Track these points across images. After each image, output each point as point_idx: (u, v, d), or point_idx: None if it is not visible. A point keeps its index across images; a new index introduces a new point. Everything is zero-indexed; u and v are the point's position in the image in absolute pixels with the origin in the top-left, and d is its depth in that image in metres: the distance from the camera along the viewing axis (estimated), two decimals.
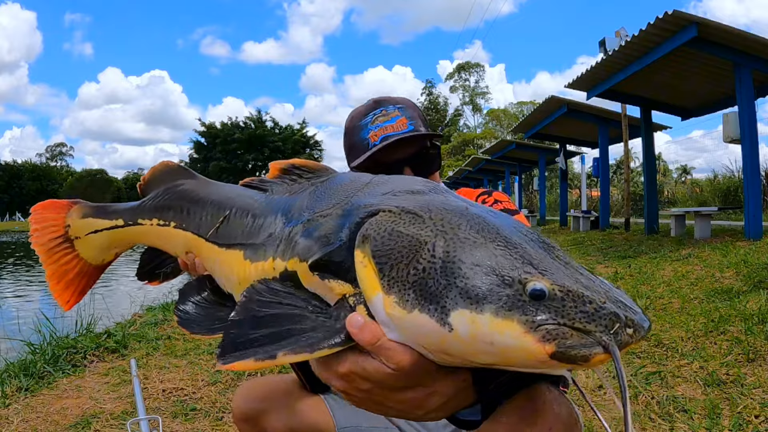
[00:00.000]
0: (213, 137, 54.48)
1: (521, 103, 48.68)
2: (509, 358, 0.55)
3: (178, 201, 1.02)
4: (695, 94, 8.66)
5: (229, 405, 2.41)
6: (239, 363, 0.58)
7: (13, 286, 10.93)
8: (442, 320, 0.54)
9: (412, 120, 1.16)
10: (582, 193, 16.80)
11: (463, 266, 0.55)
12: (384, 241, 0.60)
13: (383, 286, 0.57)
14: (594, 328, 0.53)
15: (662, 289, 4.17)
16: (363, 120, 1.18)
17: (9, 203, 71.77)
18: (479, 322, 0.53)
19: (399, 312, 0.56)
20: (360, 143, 1.16)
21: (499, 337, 0.53)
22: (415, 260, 0.57)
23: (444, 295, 0.54)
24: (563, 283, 0.55)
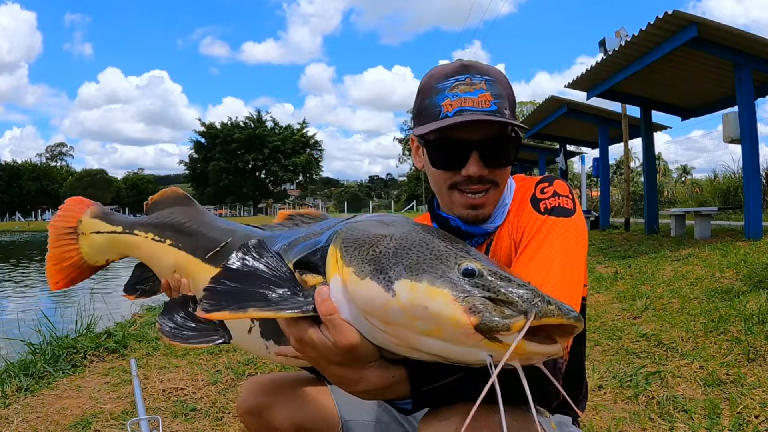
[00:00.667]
0: (213, 137, 54.48)
1: (521, 103, 48.64)
2: (439, 327, 0.61)
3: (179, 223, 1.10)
4: (695, 94, 8.66)
5: (230, 405, 2.41)
6: (216, 313, 0.68)
7: (13, 286, 10.93)
8: (387, 286, 0.64)
9: (498, 99, 0.97)
10: (582, 193, 16.78)
11: (411, 250, 0.67)
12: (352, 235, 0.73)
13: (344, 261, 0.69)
14: (516, 298, 0.60)
15: (662, 289, 4.17)
16: (442, 82, 0.98)
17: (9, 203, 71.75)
18: (417, 288, 0.62)
19: (354, 280, 0.67)
20: (431, 108, 0.99)
21: (432, 303, 0.61)
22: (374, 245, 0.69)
23: (392, 268, 0.65)
24: (491, 267, 0.65)
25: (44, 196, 75.48)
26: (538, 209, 0.99)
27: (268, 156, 54.35)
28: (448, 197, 1.03)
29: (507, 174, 1.04)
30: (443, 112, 0.96)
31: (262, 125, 55.60)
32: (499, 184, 1.02)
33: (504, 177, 1.02)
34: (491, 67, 1.02)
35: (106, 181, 76.77)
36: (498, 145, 0.98)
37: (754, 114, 6.49)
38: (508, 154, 1.01)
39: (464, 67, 0.99)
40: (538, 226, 0.97)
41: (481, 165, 0.97)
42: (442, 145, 0.99)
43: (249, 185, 56.37)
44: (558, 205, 0.98)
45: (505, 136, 0.98)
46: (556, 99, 11.39)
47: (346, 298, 0.68)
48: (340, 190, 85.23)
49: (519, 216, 1.02)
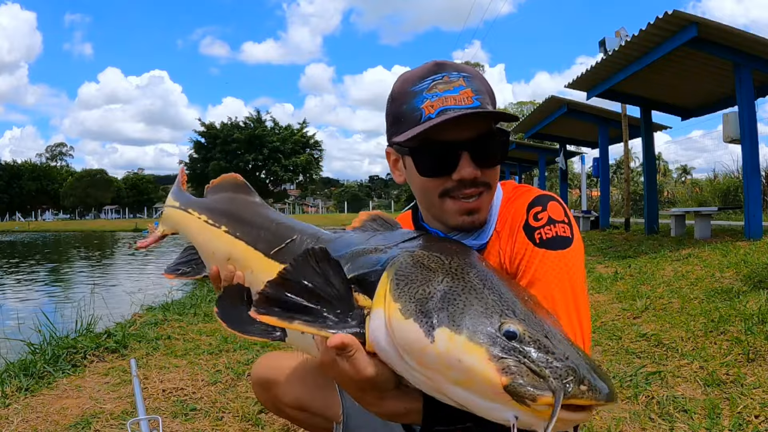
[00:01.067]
0: (213, 137, 54.47)
1: (521, 103, 48.65)
2: (470, 380, 0.63)
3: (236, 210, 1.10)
4: (695, 94, 8.66)
5: (230, 405, 2.41)
6: (266, 317, 0.72)
7: (14, 286, 10.93)
8: (428, 331, 0.65)
9: (479, 94, 0.91)
10: (582, 193, 16.79)
11: (458, 298, 0.68)
12: (406, 267, 0.74)
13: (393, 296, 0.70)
14: (548, 374, 0.60)
15: (662, 289, 4.17)
16: (418, 84, 0.92)
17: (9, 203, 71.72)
18: (456, 341, 0.63)
19: (398, 317, 0.68)
20: (410, 113, 0.92)
21: (467, 357, 0.62)
22: (425, 284, 0.70)
23: (436, 313, 0.66)
24: (534, 332, 0.64)
25: (44, 196, 75.44)
26: (533, 240, 0.93)
27: (268, 156, 54.34)
28: (439, 207, 0.96)
29: (498, 174, 0.98)
30: (425, 115, 0.90)
31: (261, 125, 55.60)
32: (492, 186, 0.96)
33: (496, 178, 0.97)
34: (466, 65, 0.98)
35: (106, 181, 76.73)
36: (488, 143, 0.92)
37: (754, 114, 6.49)
38: (499, 151, 0.95)
39: (438, 65, 0.94)
40: (537, 262, 0.91)
41: (474, 166, 0.91)
42: (429, 150, 0.91)
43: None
44: (555, 235, 0.92)
45: (493, 132, 0.93)
46: (556, 99, 11.39)
47: (388, 331, 0.69)
48: (340, 190, 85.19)
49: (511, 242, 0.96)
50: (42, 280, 11.98)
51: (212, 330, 3.95)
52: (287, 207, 72.74)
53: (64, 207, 74.63)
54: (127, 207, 76.76)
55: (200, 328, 4.03)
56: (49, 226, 56.13)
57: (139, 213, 72.29)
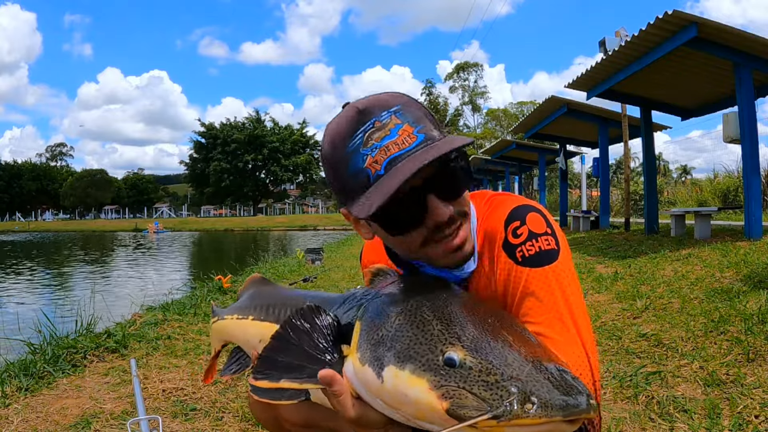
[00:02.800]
0: (213, 137, 54.45)
1: (521, 103, 48.70)
2: (420, 410, 0.65)
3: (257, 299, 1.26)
4: (695, 94, 8.66)
5: (230, 405, 2.41)
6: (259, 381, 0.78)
7: (14, 286, 10.93)
8: (378, 373, 0.69)
9: (419, 124, 0.81)
10: (582, 193, 16.80)
11: (405, 336, 0.70)
12: (372, 314, 0.77)
13: (357, 346, 0.74)
14: (489, 396, 0.61)
15: (662, 289, 4.17)
16: (350, 142, 0.81)
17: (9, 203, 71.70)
18: (400, 377, 0.66)
19: (358, 365, 0.72)
20: (355, 178, 0.81)
21: (412, 391, 0.65)
22: (379, 329, 0.73)
23: (384, 355, 0.69)
24: (477, 356, 0.65)
25: (44, 196, 75.42)
26: (515, 259, 0.86)
27: (267, 156, 54.33)
28: (424, 255, 0.88)
29: (467, 196, 0.88)
30: (372, 175, 0.79)
31: (261, 125, 55.58)
32: (467, 212, 0.88)
33: (467, 201, 0.88)
34: (389, 95, 0.85)
35: (106, 181, 76.68)
36: (451, 174, 0.83)
37: (754, 114, 6.48)
38: (464, 176, 0.85)
39: (361, 113, 0.82)
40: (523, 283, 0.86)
41: (445, 205, 0.82)
42: (392, 210, 0.80)
43: (249, 185, 56.37)
44: (539, 251, 0.86)
45: (451, 160, 0.83)
46: (556, 99, 11.39)
47: (354, 376, 0.74)
48: None
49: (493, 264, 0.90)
50: (42, 280, 11.99)
51: None
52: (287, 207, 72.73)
53: (64, 207, 74.63)
54: (127, 207, 76.72)
55: (200, 328, 4.03)
56: (49, 226, 56.12)
57: (139, 213, 72.27)
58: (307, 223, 42.03)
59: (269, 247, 20.29)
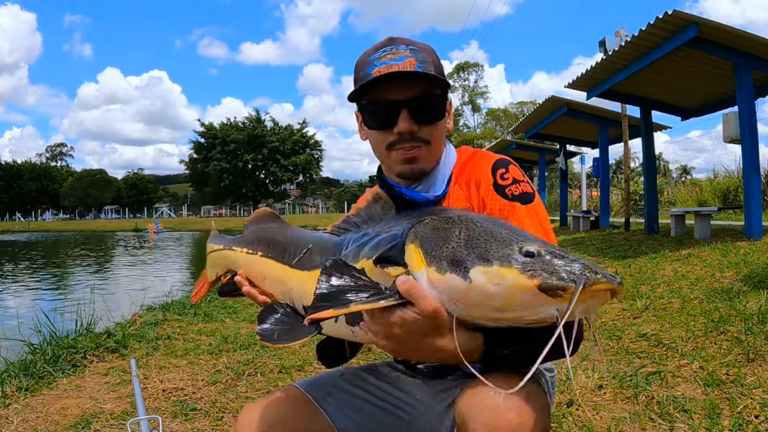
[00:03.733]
0: (212, 137, 54.43)
1: (521, 102, 48.67)
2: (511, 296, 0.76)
3: (265, 236, 1.29)
4: (695, 94, 8.66)
5: (230, 405, 2.41)
6: (322, 312, 0.81)
7: (14, 286, 10.93)
8: (464, 276, 0.77)
9: (423, 63, 1.05)
10: (582, 193, 16.80)
11: (478, 241, 0.80)
12: (427, 234, 0.85)
13: (426, 261, 0.82)
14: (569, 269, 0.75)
15: (662, 289, 4.17)
16: (372, 56, 1.08)
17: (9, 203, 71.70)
18: (490, 272, 0.76)
19: (437, 276, 0.80)
20: (364, 78, 1.08)
21: (503, 280, 0.75)
22: (447, 242, 0.82)
23: (465, 260, 0.78)
24: (547, 248, 0.79)
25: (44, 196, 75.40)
26: (506, 196, 1.08)
27: (267, 156, 54.31)
28: (386, 157, 1.13)
29: (438, 133, 1.12)
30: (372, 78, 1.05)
31: (261, 125, 55.56)
32: (431, 142, 1.11)
33: (435, 135, 1.11)
34: (418, 41, 1.10)
35: (106, 181, 76.62)
36: (425, 103, 1.07)
37: (754, 114, 6.48)
38: (436, 110, 1.09)
39: (391, 39, 1.10)
40: (510, 211, 1.07)
41: (411, 122, 1.06)
42: (373, 107, 1.09)
43: (249, 185, 56.33)
44: (522, 192, 1.08)
45: (431, 93, 1.07)
46: (556, 99, 11.39)
47: (433, 290, 0.81)
48: (340, 190, 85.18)
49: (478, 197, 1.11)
50: (42, 280, 11.98)
51: (212, 330, 3.95)
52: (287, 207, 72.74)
53: (64, 207, 74.60)
54: (127, 207, 76.69)
55: (200, 328, 4.03)
56: (49, 226, 56.13)
57: (139, 213, 72.23)
58: (307, 223, 42.05)
59: None
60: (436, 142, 1.12)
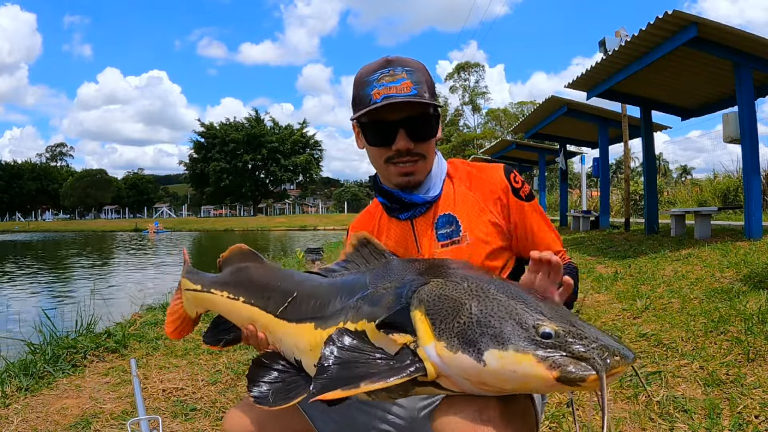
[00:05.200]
0: (212, 137, 54.42)
1: (521, 102, 48.66)
2: (527, 383, 0.75)
3: (247, 280, 1.23)
4: (695, 94, 8.65)
5: (229, 405, 2.41)
6: (330, 393, 0.79)
7: (14, 286, 10.93)
8: (478, 358, 0.75)
9: (418, 84, 1.15)
10: (582, 193, 16.79)
11: (492, 319, 0.77)
12: (434, 302, 0.82)
13: (435, 335, 0.79)
14: (588, 356, 0.72)
15: (662, 289, 4.17)
16: (370, 76, 1.17)
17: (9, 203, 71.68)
18: (505, 357, 0.74)
19: (447, 354, 0.78)
20: (364, 98, 1.16)
21: (519, 368, 0.73)
22: (458, 316, 0.79)
23: (479, 340, 0.76)
24: (565, 326, 0.75)
25: (44, 196, 75.37)
26: (520, 197, 1.23)
27: (267, 156, 54.29)
28: (385, 170, 1.22)
29: (432, 148, 1.22)
30: (373, 100, 1.14)
31: (260, 125, 55.55)
32: (426, 157, 1.20)
33: (429, 150, 1.21)
34: (411, 60, 1.20)
35: (107, 181, 76.59)
36: (420, 123, 1.16)
37: (754, 114, 6.48)
38: (430, 129, 1.19)
39: (388, 61, 1.18)
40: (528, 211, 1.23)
41: (408, 140, 1.15)
42: (374, 126, 1.17)
43: (249, 185, 56.30)
44: (529, 191, 1.24)
45: (426, 114, 1.16)
46: (556, 99, 11.38)
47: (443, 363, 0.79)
48: (340, 190, 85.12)
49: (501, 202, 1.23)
50: (42, 279, 11.98)
51: None
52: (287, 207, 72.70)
53: (64, 207, 74.58)
54: (127, 207, 76.68)
55: (200, 328, 4.03)
56: (49, 226, 56.11)
57: (139, 213, 72.18)
58: (307, 223, 42.01)
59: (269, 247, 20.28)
60: (430, 155, 1.22)
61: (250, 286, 1.21)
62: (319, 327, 1.00)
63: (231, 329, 1.29)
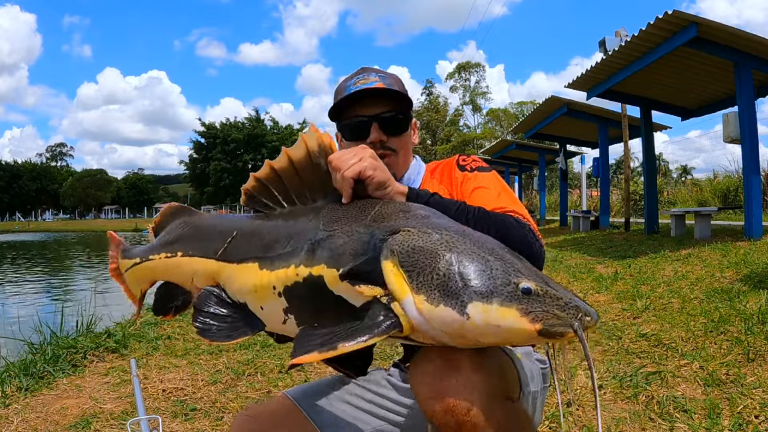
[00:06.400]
0: (213, 137, 54.45)
1: (521, 102, 48.61)
2: (510, 337, 0.76)
3: (182, 233, 1.17)
4: (695, 94, 8.66)
5: (230, 405, 2.41)
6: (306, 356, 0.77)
7: (14, 285, 10.92)
8: (461, 311, 0.74)
9: (390, 86, 1.23)
10: (582, 193, 16.79)
11: (472, 273, 0.76)
12: (409, 253, 0.79)
13: (413, 288, 0.76)
14: (565, 314, 0.75)
15: (662, 289, 4.17)
16: (347, 82, 1.27)
17: (9, 203, 71.68)
18: (489, 310, 0.74)
19: (427, 307, 0.75)
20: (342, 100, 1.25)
21: (503, 321, 0.74)
22: (436, 269, 0.76)
23: (462, 293, 0.75)
24: (542, 285, 0.78)
25: (44, 196, 75.37)
26: (466, 170, 1.24)
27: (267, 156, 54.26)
28: None
29: (404, 143, 1.28)
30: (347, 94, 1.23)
31: (260, 125, 55.60)
32: (398, 151, 1.27)
33: (401, 146, 1.28)
34: (387, 71, 1.30)
35: (107, 181, 76.60)
36: (392, 118, 1.24)
37: (754, 114, 6.48)
38: (401, 124, 1.26)
39: (363, 69, 1.30)
40: (471, 178, 1.22)
41: (381, 133, 1.23)
42: (349, 122, 1.26)
43: None
44: (479, 166, 1.25)
45: (397, 110, 1.25)
46: (556, 99, 11.39)
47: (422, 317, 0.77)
48: None
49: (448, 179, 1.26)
50: (42, 279, 11.98)
51: None
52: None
53: (64, 207, 74.60)
54: (127, 207, 76.69)
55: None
56: (49, 226, 56.11)
57: (139, 213, 72.20)
58: None
59: None
60: (403, 151, 1.29)
61: (186, 238, 1.14)
62: (264, 267, 0.94)
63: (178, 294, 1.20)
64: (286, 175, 1.01)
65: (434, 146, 44.98)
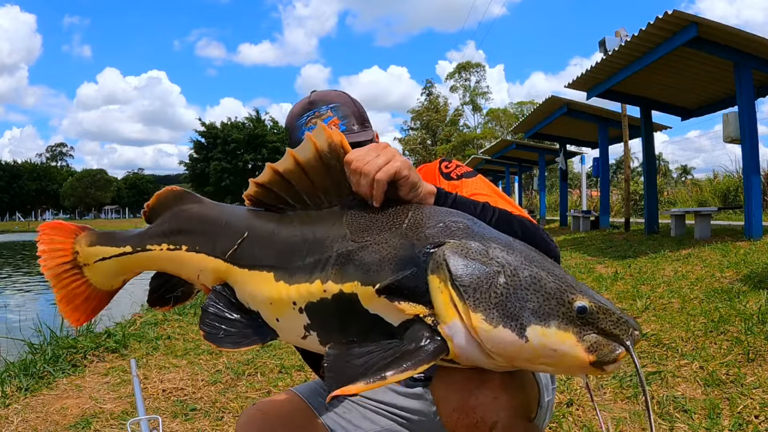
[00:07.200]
0: (213, 137, 54.47)
1: (521, 103, 48.63)
2: (561, 363, 0.71)
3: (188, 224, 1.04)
4: (695, 94, 8.66)
5: (230, 405, 2.41)
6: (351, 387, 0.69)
7: (14, 285, 10.92)
8: (520, 333, 0.70)
9: (345, 119, 1.21)
10: (582, 193, 16.79)
11: (528, 291, 0.71)
12: (461, 269, 0.72)
13: (470, 307, 0.71)
14: (619, 332, 0.71)
15: (662, 289, 4.17)
16: (299, 120, 1.22)
17: (9, 203, 71.68)
18: (548, 334, 0.70)
19: (486, 326, 0.70)
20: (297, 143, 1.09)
21: (561, 345, 0.70)
22: (491, 286, 0.71)
23: (520, 314, 0.70)
24: (595, 301, 0.72)
25: (44, 196, 75.38)
26: (451, 178, 1.15)
27: (267, 156, 54.28)
28: None
29: None
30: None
31: (261, 125, 55.62)
32: None
33: None
34: (333, 93, 1.24)
35: (106, 181, 76.62)
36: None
37: (754, 114, 6.48)
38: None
39: (311, 103, 1.22)
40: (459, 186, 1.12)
41: None
42: None
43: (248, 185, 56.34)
44: (465, 172, 1.16)
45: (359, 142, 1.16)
46: (556, 99, 11.39)
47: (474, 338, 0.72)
48: None
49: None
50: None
51: None
52: None
53: (64, 207, 74.63)
54: (127, 207, 76.72)
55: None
56: None
57: (138, 213, 72.05)
58: None
59: None
60: None
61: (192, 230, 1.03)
62: (281, 279, 0.85)
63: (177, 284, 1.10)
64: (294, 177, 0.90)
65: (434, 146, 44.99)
